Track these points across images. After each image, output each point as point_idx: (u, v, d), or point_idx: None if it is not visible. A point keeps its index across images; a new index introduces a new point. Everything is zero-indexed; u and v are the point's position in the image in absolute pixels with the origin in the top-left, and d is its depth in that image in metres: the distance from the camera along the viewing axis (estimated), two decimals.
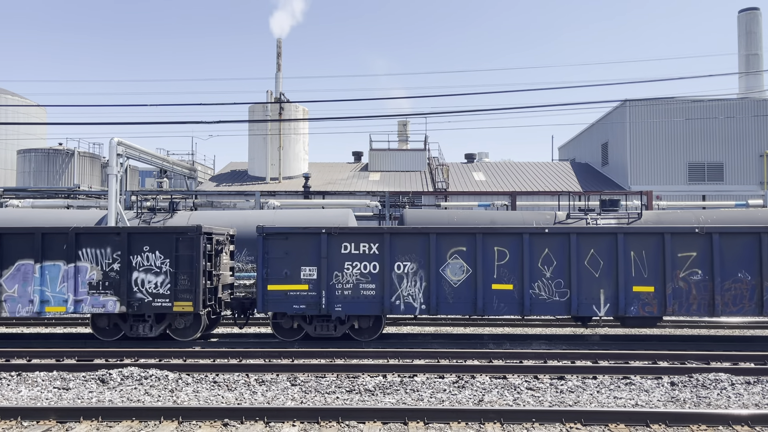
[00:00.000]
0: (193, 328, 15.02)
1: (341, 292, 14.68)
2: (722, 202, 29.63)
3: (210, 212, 23.35)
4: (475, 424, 8.37)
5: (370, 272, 14.69)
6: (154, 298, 14.63)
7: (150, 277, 14.65)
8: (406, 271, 14.66)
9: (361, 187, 33.74)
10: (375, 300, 14.66)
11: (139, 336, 15.02)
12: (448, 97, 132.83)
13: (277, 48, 37.43)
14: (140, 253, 14.68)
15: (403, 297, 14.65)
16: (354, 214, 22.36)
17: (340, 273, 14.70)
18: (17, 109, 44.16)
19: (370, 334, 15.06)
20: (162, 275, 14.64)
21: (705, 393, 10.14)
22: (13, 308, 14.74)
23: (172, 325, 15.04)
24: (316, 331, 14.99)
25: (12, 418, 8.59)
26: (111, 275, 14.66)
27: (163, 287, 14.62)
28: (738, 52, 41.58)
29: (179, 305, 14.56)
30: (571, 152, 47.67)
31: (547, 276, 14.58)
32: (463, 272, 14.65)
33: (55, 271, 14.72)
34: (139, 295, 14.65)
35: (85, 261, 14.69)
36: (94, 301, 14.69)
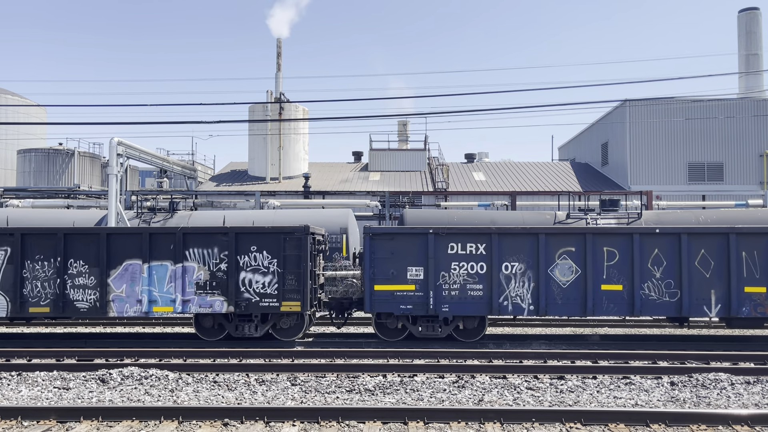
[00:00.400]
0: (297, 328, 15.10)
1: (448, 293, 14.71)
2: (722, 202, 29.63)
3: (210, 212, 23.36)
4: (475, 424, 8.37)
5: (477, 272, 14.71)
6: (262, 298, 14.67)
7: (257, 277, 14.69)
8: (514, 271, 14.68)
9: (361, 187, 33.75)
10: (482, 300, 14.68)
11: (245, 336, 15.05)
12: (448, 97, 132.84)
13: (277, 48, 37.44)
14: (247, 253, 14.72)
15: (510, 298, 14.67)
16: (354, 214, 22.36)
17: (447, 273, 14.72)
18: (17, 109, 44.15)
19: (473, 335, 15.11)
20: (269, 275, 14.67)
21: (705, 393, 10.14)
22: (121, 308, 14.76)
23: (276, 325, 15.10)
24: (421, 331, 15.03)
25: (12, 418, 8.60)
26: (218, 275, 14.70)
27: (271, 287, 14.66)
28: (738, 52, 41.58)
29: (287, 305, 14.61)
30: (571, 152, 47.68)
31: (657, 276, 14.59)
32: (572, 273, 14.68)
33: (162, 271, 14.76)
34: (247, 295, 14.68)
35: (193, 261, 14.73)
36: (201, 301, 14.73)
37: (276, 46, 37.56)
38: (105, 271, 14.72)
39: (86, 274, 14.77)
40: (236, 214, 21.54)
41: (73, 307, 14.74)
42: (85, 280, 14.75)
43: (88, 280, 14.75)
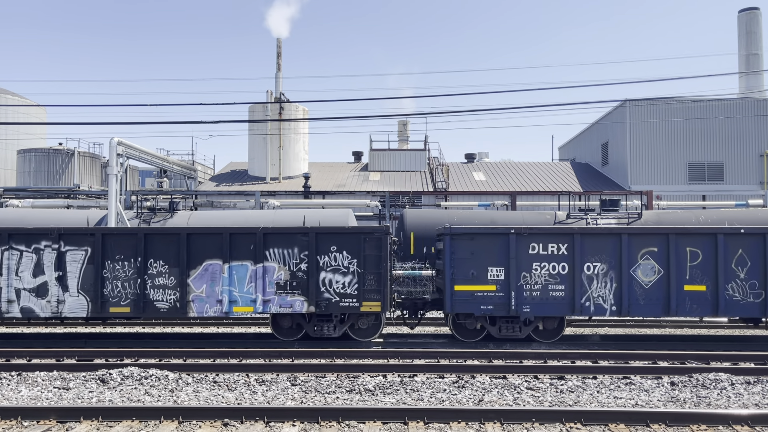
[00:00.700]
0: (374, 328, 15.16)
1: (529, 293, 14.72)
2: (722, 202, 29.61)
3: (210, 212, 23.34)
4: (475, 424, 8.37)
5: (558, 273, 14.73)
6: (342, 298, 14.71)
7: (337, 277, 14.73)
8: (596, 272, 14.69)
9: (361, 187, 33.74)
10: (564, 301, 14.69)
11: (323, 336, 15.09)
12: (448, 97, 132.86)
13: (277, 48, 37.44)
14: (327, 253, 14.77)
15: (593, 298, 14.67)
16: (354, 214, 22.35)
17: (528, 274, 14.74)
18: (17, 109, 44.15)
19: (552, 335, 15.15)
20: (349, 275, 14.72)
21: (705, 393, 10.14)
22: (201, 308, 14.79)
23: (355, 325, 15.13)
24: (501, 332, 15.06)
25: (12, 418, 8.60)
26: (298, 275, 14.74)
27: (351, 287, 14.70)
28: (738, 52, 41.57)
29: (367, 305, 14.64)
30: (571, 152, 47.67)
31: (741, 277, 14.58)
32: (655, 273, 14.67)
33: (242, 271, 14.79)
34: (327, 295, 14.72)
35: (273, 261, 14.76)
36: (281, 301, 14.76)
37: (276, 46, 37.57)
38: (185, 271, 14.76)
39: (166, 275, 14.81)
40: (237, 214, 21.51)
41: (154, 308, 14.78)
42: (165, 281, 14.80)
43: (168, 280, 14.80)
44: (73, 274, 14.77)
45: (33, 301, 14.75)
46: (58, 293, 14.74)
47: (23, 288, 14.77)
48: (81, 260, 14.78)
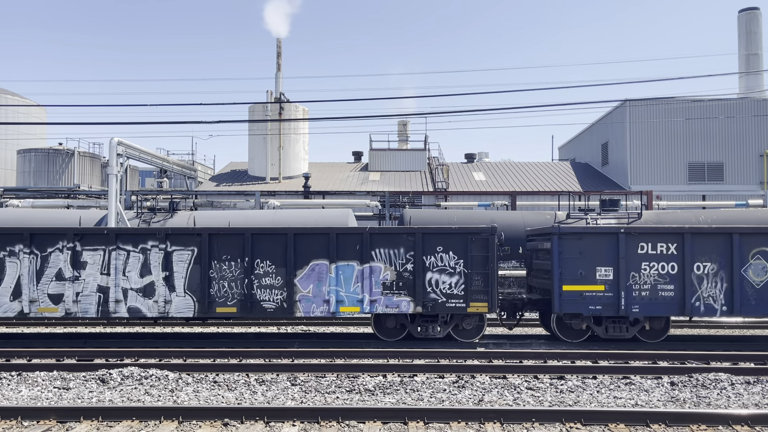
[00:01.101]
0: (478, 329, 15.14)
1: (638, 293, 14.66)
2: (722, 202, 29.62)
3: (210, 212, 23.35)
4: (475, 424, 8.37)
5: (668, 273, 14.68)
6: (448, 298, 14.70)
7: (444, 278, 14.72)
8: (706, 271, 14.63)
9: (361, 187, 33.74)
10: (673, 301, 14.65)
11: (428, 336, 15.06)
12: (448, 97, 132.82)
13: (277, 48, 37.43)
14: (434, 254, 14.75)
15: (702, 298, 14.63)
16: (354, 214, 22.35)
17: (637, 273, 14.68)
18: (17, 109, 44.15)
19: (658, 335, 15.12)
20: (456, 276, 14.71)
21: (705, 393, 10.14)
22: (308, 308, 14.81)
23: (459, 326, 15.11)
24: (608, 332, 15.03)
25: (12, 418, 8.60)
26: (405, 275, 14.74)
27: (457, 288, 14.70)
28: (738, 52, 41.56)
29: (474, 306, 14.65)
30: (571, 152, 47.67)
31: None
32: (766, 273, 14.63)
33: (349, 271, 14.80)
34: (433, 296, 14.72)
35: (379, 261, 14.76)
36: (387, 302, 14.75)
37: (276, 46, 37.57)
38: (292, 271, 14.77)
39: (273, 275, 14.83)
40: (237, 214, 21.53)
41: (260, 308, 14.81)
42: (271, 281, 14.82)
43: (274, 280, 14.82)
44: (179, 274, 14.82)
45: (140, 301, 14.82)
46: (165, 293, 14.80)
47: (130, 288, 14.83)
48: (187, 260, 14.83)
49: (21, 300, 14.78)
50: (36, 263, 14.81)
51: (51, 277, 14.80)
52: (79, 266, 14.79)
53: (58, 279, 14.79)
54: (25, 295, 14.76)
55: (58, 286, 14.80)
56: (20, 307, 14.79)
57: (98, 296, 14.79)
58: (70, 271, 14.78)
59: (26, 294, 14.76)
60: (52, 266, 14.81)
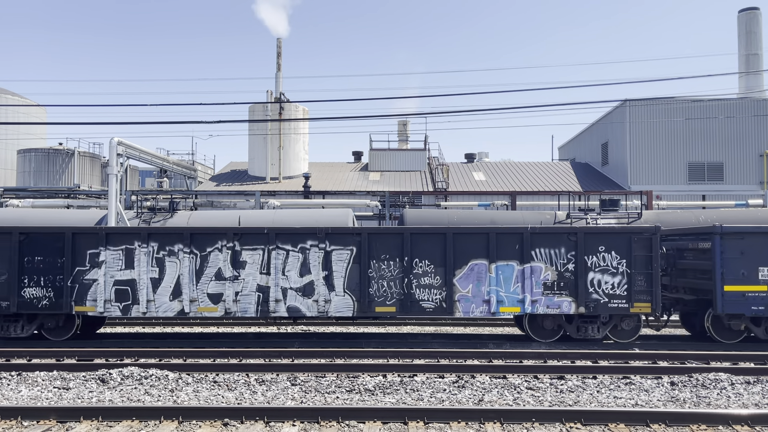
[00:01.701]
0: (635, 330, 15.07)
1: None
2: (722, 202, 29.64)
3: (210, 212, 23.35)
4: (475, 424, 8.37)
5: None
6: (610, 299, 14.63)
7: (606, 278, 14.65)
8: None
9: (361, 187, 33.75)
10: None
11: (586, 337, 14.98)
12: (448, 97, 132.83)
13: (277, 48, 37.44)
14: (595, 254, 14.70)
15: None
16: (354, 214, 22.36)
17: None
18: (17, 109, 44.16)
19: None
20: (618, 276, 14.64)
21: (705, 393, 10.14)
22: (467, 308, 14.76)
23: (618, 326, 15.05)
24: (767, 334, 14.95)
25: (12, 418, 8.60)
26: (566, 276, 14.68)
27: (620, 288, 14.62)
28: (738, 51, 41.57)
29: (638, 306, 14.58)
30: (571, 152, 47.67)
31: None
32: None
33: (508, 271, 14.75)
34: (595, 296, 14.66)
35: (539, 261, 14.70)
36: (548, 302, 14.69)
37: (276, 46, 37.58)
38: (451, 271, 14.76)
39: (432, 274, 14.80)
40: (237, 214, 21.53)
41: (419, 307, 14.78)
42: (430, 280, 14.79)
43: (433, 279, 14.79)
44: (339, 274, 14.84)
45: (299, 300, 14.85)
46: (325, 292, 14.83)
47: (290, 287, 14.87)
48: (346, 260, 14.85)
49: (181, 299, 14.86)
50: (196, 263, 14.89)
51: (210, 276, 14.88)
52: (239, 266, 14.86)
53: (218, 278, 14.87)
54: (185, 294, 14.85)
55: (218, 286, 14.87)
56: (180, 306, 14.88)
57: (257, 296, 14.86)
58: (230, 270, 14.85)
59: (186, 293, 14.85)
60: (212, 266, 14.89)
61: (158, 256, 14.89)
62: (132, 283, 14.91)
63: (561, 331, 15.10)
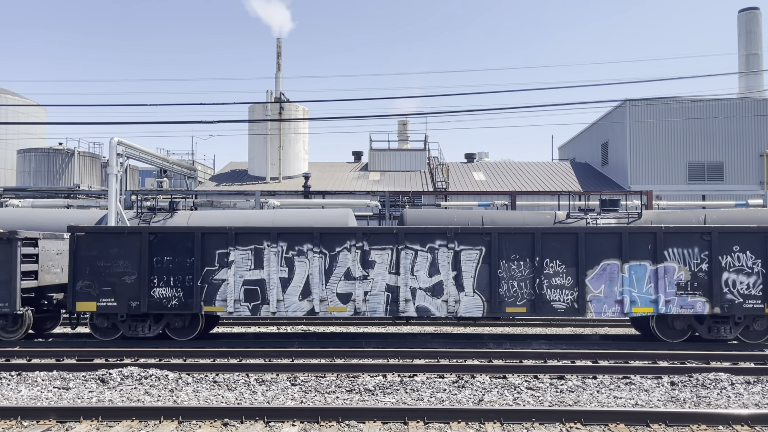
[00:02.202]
0: (766, 332, 14.97)
1: None
2: (722, 202, 29.64)
3: (210, 212, 23.35)
4: (475, 424, 8.37)
5: None
6: (745, 299, 14.56)
7: (741, 278, 14.58)
8: None
9: (361, 187, 33.75)
10: None
11: (718, 338, 14.84)
12: (448, 96, 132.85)
13: (277, 48, 37.44)
14: (730, 253, 14.61)
15: None
16: (354, 214, 22.36)
17: None
18: (17, 109, 44.15)
19: None
20: (753, 276, 14.57)
21: (705, 393, 10.14)
22: (599, 309, 14.70)
23: (749, 327, 14.95)
24: None
25: (12, 418, 8.60)
26: (699, 276, 14.59)
27: (755, 288, 14.55)
28: (738, 51, 41.56)
29: None
30: (571, 152, 47.67)
31: None
32: None
33: (641, 271, 14.68)
34: (729, 297, 14.57)
35: (672, 261, 14.63)
36: (682, 302, 14.61)
37: (276, 46, 37.58)
38: (583, 271, 14.72)
39: (563, 274, 14.77)
40: (236, 214, 21.54)
41: (550, 308, 14.75)
42: (561, 281, 14.77)
43: (564, 280, 14.76)
44: (468, 274, 14.81)
45: (428, 300, 14.83)
46: (454, 293, 14.80)
47: (419, 287, 14.86)
48: (475, 260, 14.83)
49: (311, 299, 14.88)
50: (325, 262, 14.91)
51: (340, 276, 14.91)
52: (368, 265, 14.88)
53: (347, 278, 14.90)
54: (315, 294, 14.87)
55: (347, 286, 14.91)
56: (310, 306, 14.89)
57: (386, 295, 14.86)
58: (359, 270, 14.87)
59: (316, 293, 14.88)
60: (341, 265, 14.93)
61: (287, 256, 14.91)
62: (261, 283, 14.94)
63: (690, 331, 15.05)
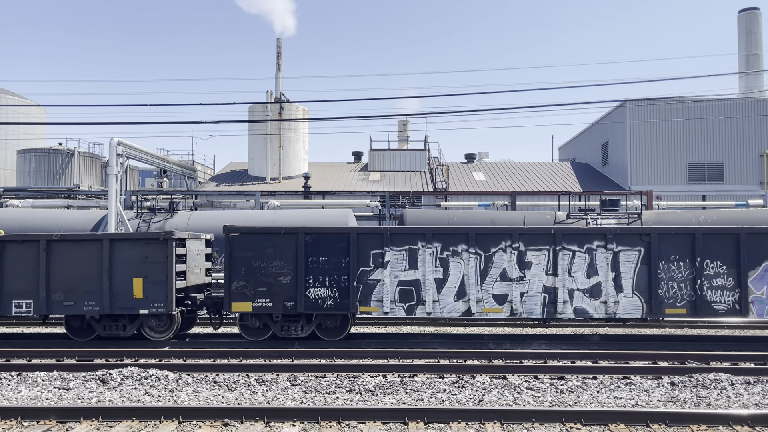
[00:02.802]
0: None
1: None
2: (722, 202, 29.62)
3: (211, 212, 23.35)
4: (475, 424, 8.37)
5: None
6: None
7: None
8: None
9: (361, 187, 33.75)
10: None
11: None
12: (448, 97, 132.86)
13: (277, 48, 37.45)
14: None
15: None
16: (354, 214, 22.36)
17: None
18: (17, 109, 44.16)
19: None
20: None
21: (705, 393, 10.14)
22: (761, 310, 14.61)
23: None
24: None
25: (12, 418, 8.60)
26: None
27: None
28: (738, 52, 41.58)
29: None
30: (571, 152, 47.68)
31: None
32: None
33: None
34: None
35: None
36: None
37: (276, 46, 37.58)
38: (744, 271, 14.62)
39: (724, 275, 14.67)
40: (236, 214, 21.55)
41: (711, 309, 14.64)
42: (722, 282, 14.67)
43: (725, 281, 14.67)
44: (627, 275, 14.73)
45: (586, 301, 14.76)
46: (613, 294, 14.73)
47: (576, 288, 14.80)
48: (634, 261, 14.76)
49: (466, 300, 14.82)
50: (480, 263, 14.85)
51: (495, 277, 14.83)
52: (524, 266, 14.81)
53: (503, 279, 14.83)
54: (471, 295, 14.82)
55: (503, 287, 14.82)
56: (465, 306, 14.83)
57: (543, 297, 14.80)
58: (516, 271, 14.81)
59: (472, 294, 14.83)
60: (496, 266, 14.86)
61: (442, 257, 14.86)
62: (416, 284, 14.89)
63: None
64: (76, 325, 15.26)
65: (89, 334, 15.24)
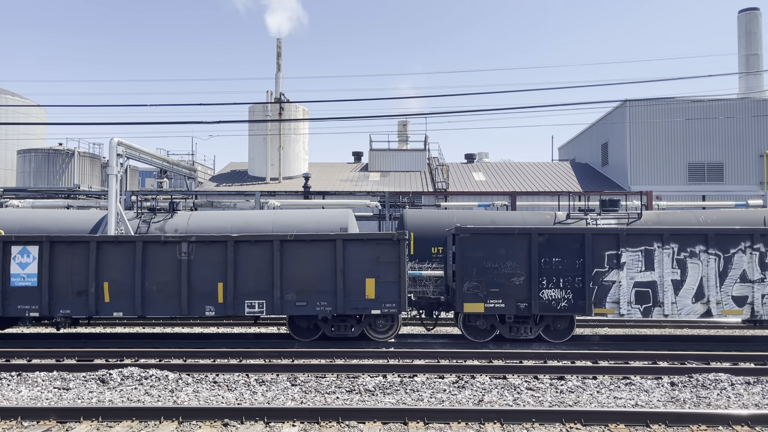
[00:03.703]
0: None
1: None
2: (722, 202, 29.59)
3: (210, 212, 23.34)
4: (475, 424, 8.37)
5: None
6: None
7: None
8: None
9: (361, 187, 33.74)
10: None
11: None
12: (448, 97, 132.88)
13: (277, 48, 37.44)
14: None
15: None
16: (354, 214, 22.35)
17: None
18: (17, 109, 44.14)
19: None
20: None
21: (705, 393, 10.14)
22: None
23: None
24: None
25: (12, 418, 8.60)
26: None
27: None
28: (738, 52, 41.57)
29: None
30: (571, 152, 47.67)
31: None
32: None
33: None
34: None
35: None
36: None
37: (276, 46, 37.59)
38: None
39: None
40: (236, 215, 21.54)
41: None
42: None
43: None
44: None
45: None
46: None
47: None
48: None
49: (705, 301, 14.83)
50: (719, 264, 14.86)
51: (735, 278, 14.86)
52: (765, 267, 14.83)
53: (743, 280, 14.85)
54: (711, 297, 14.81)
55: (743, 288, 14.87)
56: (704, 308, 14.84)
57: None
58: (757, 272, 14.82)
59: (712, 296, 14.82)
60: (736, 267, 14.89)
61: (679, 258, 14.88)
62: (652, 285, 14.89)
63: None
64: (303, 326, 15.28)
65: (314, 334, 15.26)
